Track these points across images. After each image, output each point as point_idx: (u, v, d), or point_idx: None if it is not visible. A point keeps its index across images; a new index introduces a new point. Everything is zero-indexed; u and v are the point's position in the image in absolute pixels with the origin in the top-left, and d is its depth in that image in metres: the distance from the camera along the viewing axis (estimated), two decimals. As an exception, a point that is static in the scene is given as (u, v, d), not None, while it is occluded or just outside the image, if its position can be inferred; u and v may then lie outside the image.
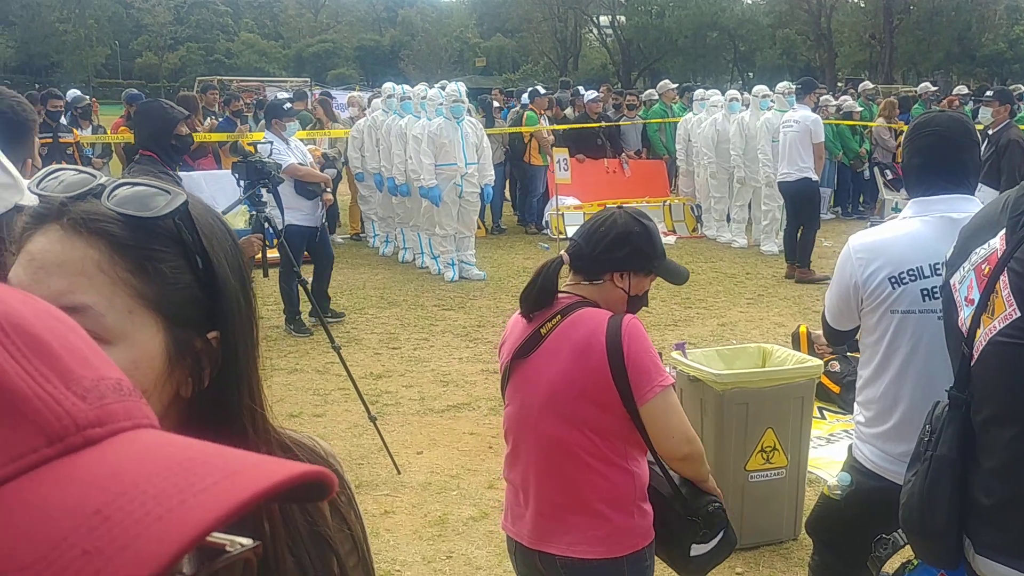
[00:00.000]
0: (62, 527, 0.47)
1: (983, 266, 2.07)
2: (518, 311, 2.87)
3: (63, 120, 11.48)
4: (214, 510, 0.48)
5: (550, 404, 2.68)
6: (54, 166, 1.03)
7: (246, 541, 0.60)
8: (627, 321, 2.64)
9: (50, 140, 10.97)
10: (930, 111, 4.07)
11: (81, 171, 1.02)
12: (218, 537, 0.60)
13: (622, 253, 2.72)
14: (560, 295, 2.76)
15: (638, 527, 2.70)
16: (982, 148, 8.00)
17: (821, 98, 14.76)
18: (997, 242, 2.06)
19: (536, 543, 2.74)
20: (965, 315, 2.10)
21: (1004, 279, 1.99)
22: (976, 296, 2.06)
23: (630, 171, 14.88)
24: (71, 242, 0.94)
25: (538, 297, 2.72)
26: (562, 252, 2.80)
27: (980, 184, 5.73)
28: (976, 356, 2.07)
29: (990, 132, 9.08)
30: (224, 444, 1.03)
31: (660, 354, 2.74)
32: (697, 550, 2.75)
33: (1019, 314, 1.95)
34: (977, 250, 2.12)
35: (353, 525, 1.21)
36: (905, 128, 3.25)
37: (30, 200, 1.98)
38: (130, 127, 12.35)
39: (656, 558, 2.80)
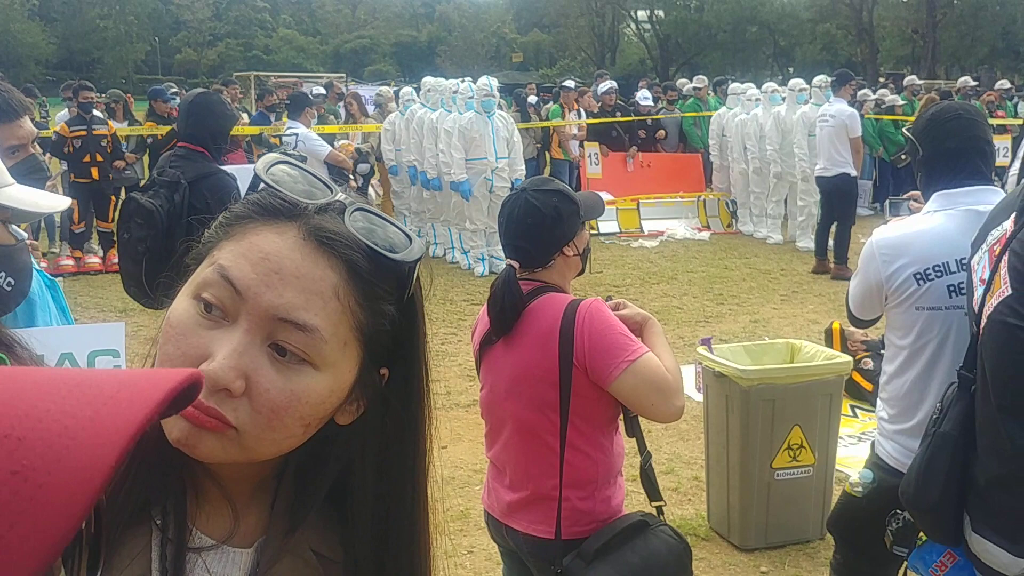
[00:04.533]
0: None
1: (995, 247, 2.05)
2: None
3: (97, 113, 11.51)
4: (138, 410, 0.50)
5: (514, 388, 2.76)
6: (276, 156, 1.00)
7: None
8: (583, 308, 2.67)
9: (84, 133, 11.05)
10: (941, 101, 4.02)
11: (311, 173, 1.00)
12: None
13: (561, 229, 2.73)
14: (521, 284, 2.78)
15: (596, 512, 2.75)
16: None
17: (859, 92, 14.55)
18: (1009, 223, 2.03)
19: (504, 517, 2.86)
20: (978, 295, 2.08)
21: (1005, 258, 1.95)
22: (987, 276, 2.04)
23: (633, 167, 14.69)
24: (313, 258, 0.92)
25: (510, 315, 2.73)
26: (508, 261, 2.80)
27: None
28: (980, 334, 2.05)
29: None
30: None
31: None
32: None
33: (1009, 292, 1.92)
34: (993, 231, 2.10)
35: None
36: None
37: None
38: (157, 122, 12.41)
39: None
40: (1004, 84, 18.82)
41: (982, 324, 2.02)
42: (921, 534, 2.44)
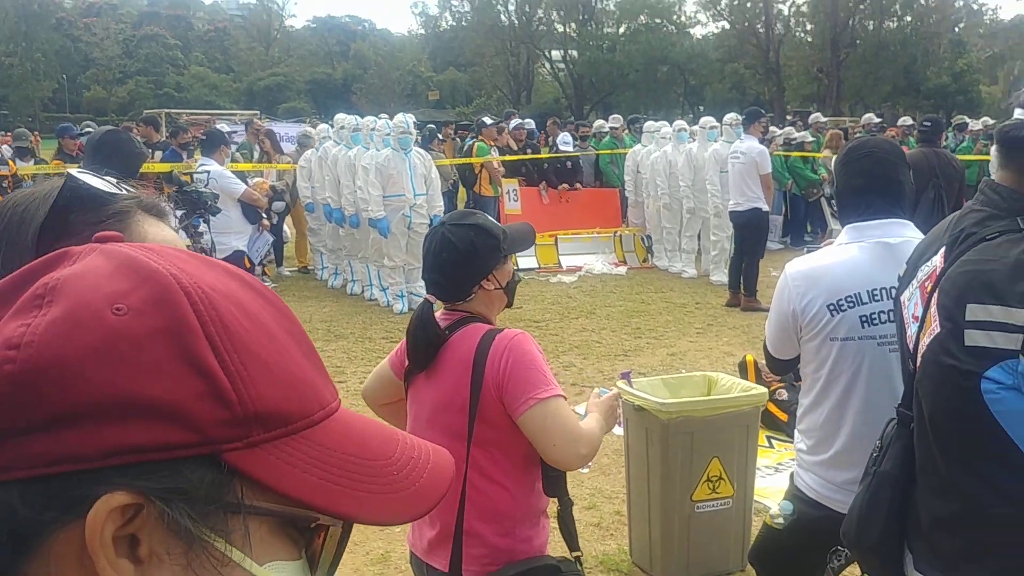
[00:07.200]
0: (386, 437, 0.78)
1: (926, 283, 2.05)
2: None
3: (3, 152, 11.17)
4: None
5: (433, 419, 2.72)
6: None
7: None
8: (504, 338, 2.64)
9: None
10: (861, 136, 4.11)
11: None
12: None
13: (477, 264, 2.72)
14: (442, 316, 2.77)
15: (516, 552, 2.70)
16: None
17: (769, 129, 14.90)
18: (938, 259, 2.04)
19: (425, 555, 2.80)
20: (912, 332, 2.08)
21: (936, 295, 1.97)
22: (920, 313, 2.05)
23: (550, 200, 14.87)
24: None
25: (427, 352, 2.72)
26: (425, 296, 2.79)
27: None
28: (917, 372, 2.05)
29: None
30: None
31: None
32: None
33: (939, 330, 1.93)
34: (923, 267, 2.11)
35: None
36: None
37: None
38: (65, 160, 12.06)
39: None
40: (906, 121, 19.42)
41: (918, 363, 2.03)
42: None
